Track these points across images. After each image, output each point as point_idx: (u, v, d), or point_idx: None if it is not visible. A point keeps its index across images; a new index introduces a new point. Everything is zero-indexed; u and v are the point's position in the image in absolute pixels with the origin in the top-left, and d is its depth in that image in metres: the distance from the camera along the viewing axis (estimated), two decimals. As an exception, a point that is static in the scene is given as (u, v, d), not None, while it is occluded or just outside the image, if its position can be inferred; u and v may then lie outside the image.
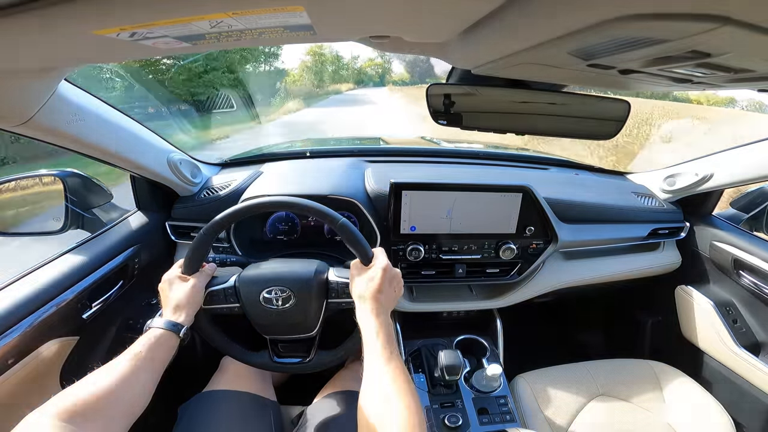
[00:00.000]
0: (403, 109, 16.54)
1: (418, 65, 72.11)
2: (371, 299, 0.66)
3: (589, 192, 1.22)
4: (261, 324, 0.78)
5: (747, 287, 1.09)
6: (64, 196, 0.91)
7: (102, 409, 0.50)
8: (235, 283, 0.76)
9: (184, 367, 1.17)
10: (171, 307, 0.68)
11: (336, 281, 0.77)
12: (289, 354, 0.82)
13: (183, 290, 0.70)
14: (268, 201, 0.75)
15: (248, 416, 0.83)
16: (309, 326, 0.78)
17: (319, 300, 0.77)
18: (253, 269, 0.78)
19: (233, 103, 9.03)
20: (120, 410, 0.52)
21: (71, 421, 0.46)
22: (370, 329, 0.63)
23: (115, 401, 0.51)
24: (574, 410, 0.99)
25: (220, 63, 12.33)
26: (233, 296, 0.76)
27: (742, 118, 10.02)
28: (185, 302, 0.69)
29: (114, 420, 0.51)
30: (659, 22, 0.25)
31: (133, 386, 0.55)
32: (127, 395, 0.54)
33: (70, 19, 0.32)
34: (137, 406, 0.56)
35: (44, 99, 0.60)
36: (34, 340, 0.72)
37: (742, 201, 1.26)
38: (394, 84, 22.27)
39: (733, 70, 0.34)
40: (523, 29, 0.34)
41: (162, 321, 0.65)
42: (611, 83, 0.51)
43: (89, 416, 0.48)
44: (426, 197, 1.00)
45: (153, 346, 0.61)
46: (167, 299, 0.69)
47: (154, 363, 0.61)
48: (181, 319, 0.67)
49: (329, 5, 0.33)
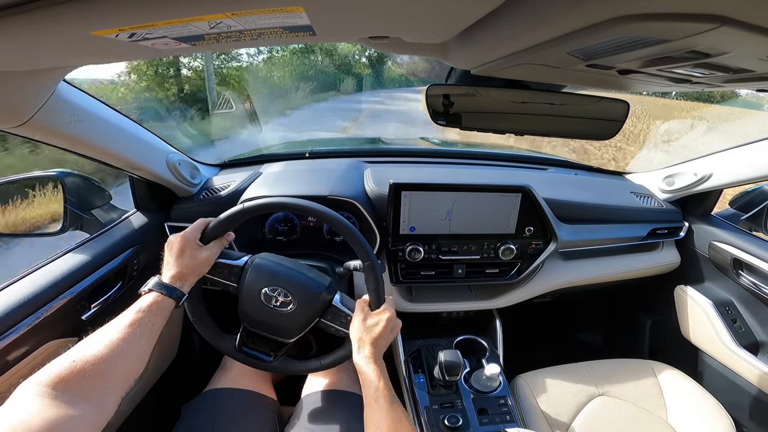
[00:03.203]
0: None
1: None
2: (371, 344, 0.68)
3: (589, 192, 1.22)
4: (247, 313, 0.77)
5: (746, 287, 1.09)
6: (63, 197, 0.91)
7: (98, 378, 0.49)
8: (246, 266, 0.76)
9: (186, 366, 1.18)
10: (177, 273, 0.66)
11: (338, 308, 0.78)
12: (257, 348, 0.80)
13: (196, 259, 0.68)
14: (313, 208, 0.73)
15: (252, 414, 0.84)
16: (290, 334, 0.78)
17: (314, 316, 0.77)
18: (267, 260, 0.78)
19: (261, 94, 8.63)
20: (117, 378, 0.51)
21: (65, 390, 0.45)
22: (370, 374, 0.64)
23: (112, 369, 0.50)
24: (574, 410, 0.99)
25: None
26: (236, 275, 0.76)
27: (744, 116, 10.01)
28: (193, 272, 0.68)
29: (109, 387, 0.50)
30: (658, 22, 0.25)
31: (130, 353, 0.54)
32: (125, 363, 0.53)
33: (68, 20, 0.32)
34: (133, 371, 0.55)
35: (43, 100, 0.60)
36: (34, 341, 0.71)
37: (741, 201, 1.26)
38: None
39: (732, 70, 0.34)
40: (522, 30, 0.34)
41: (167, 288, 0.63)
42: (610, 83, 0.52)
43: (84, 385, 0.47)
44: (425, 198, 1.00)
45: (155, 313, 0.60)
46: (176, 264, 0.66)
47: (153, 329, 0.59)
48: (185, 287, 0.66)
49: (329, 6, 0.33)
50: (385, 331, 0.70)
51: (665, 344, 1.35)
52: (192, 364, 1.22)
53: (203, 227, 0.72)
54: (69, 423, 0.43)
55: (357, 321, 0.72)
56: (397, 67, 17.98)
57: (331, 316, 0.78)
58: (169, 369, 1.10)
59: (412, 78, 19.04)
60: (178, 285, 0.65)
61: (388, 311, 0.73)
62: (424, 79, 15.83)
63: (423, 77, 16.79)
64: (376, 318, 0.71)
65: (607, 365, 1.11)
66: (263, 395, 0.89)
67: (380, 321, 0.71)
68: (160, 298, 0.61)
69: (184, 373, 1.16)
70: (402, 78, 19.21)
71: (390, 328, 0.71)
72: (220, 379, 0.90)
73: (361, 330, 0.70)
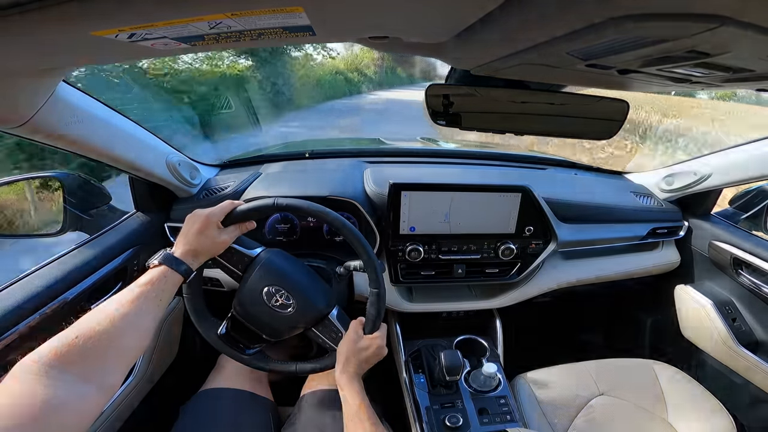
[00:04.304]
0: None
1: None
2: (356, 365, 0.70)
3: (588, 192, 1.22)
4: (242, 303, 0.77)
5: (746, 286, 1.09)
6: (63, 198, 0.90)
7: (99, 357, 0.47)
8: (257, 258, 0.76)
9: (186, 366, 1.17)
10: (191, 250, 0.65)
11: (331, 322, 0.79)
12: (237, 335, 0.80)
13: (213, 240, 0.67)
14: (333, 216, 0.73)
15: (248, 414, 0.84)
16: (278, 334, 0.79)
17: (307, 324, 0.78)
18: (279, 259, 0.78)
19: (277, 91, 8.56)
20: (119, 357, 0.50)
21: (63, 369, 0.43)
22: (353, 393, 0.67)
23: (114, 347, 0.49)
24: (575, 410, 0.99)
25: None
26: (244, 264, 0.76)
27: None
28: (207, 251, 0.67)
29: (110, 368, 0.48)
30: (658, 22, 0.25)
31: (135, 329, 0.52)
32: (129, 340, 0.51)
33: (68, 20, 0.32)
34: (137, 349, 0.53)
35: (42, 100, 0.60)
36: (34, 342, 0.71)
37: (740, 200, 1.26)
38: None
39: (732, 69, 0.34)
40: (521, 30, 0.34)
41: (177, 262, 0.62)
42: (610, 83, 0.52)
43: (84, 364, 0.45)
44: (425, 198, 1.00)
45: (163, 287, 0.58)
46: (194, 240, 0.65)
47: (161, 304, 0.57)
48: (195, 264, 0.65)
49: (329, 6, 0.33)
50: (372, 356, 0.73)
51: (665, 343, 1.35)
52: (192, 364, 1.22)
53: (229, 210, 0.71)
54: (66, 405, 0.41)
55: (348, 340, 0.73)
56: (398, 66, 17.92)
57: (322, 328, 0.79)
58: (169, 369, 1.10)
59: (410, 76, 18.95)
60: (190, 261, 0.64)
61: (380, 339, 0.75)
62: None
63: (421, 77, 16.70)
64: (367, 342, 0.73)
65: (607, 365, 1.11)
66: (258, 395, 0.89)
67: (371, 346, 0.73)
68: (169, 272, 0.60)
69: (184, 373, 1.16)
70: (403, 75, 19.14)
71: (376, 354, 0.73)
72: (214, 379, 0.90)
73: (351, 350, 0.72)
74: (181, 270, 0.62)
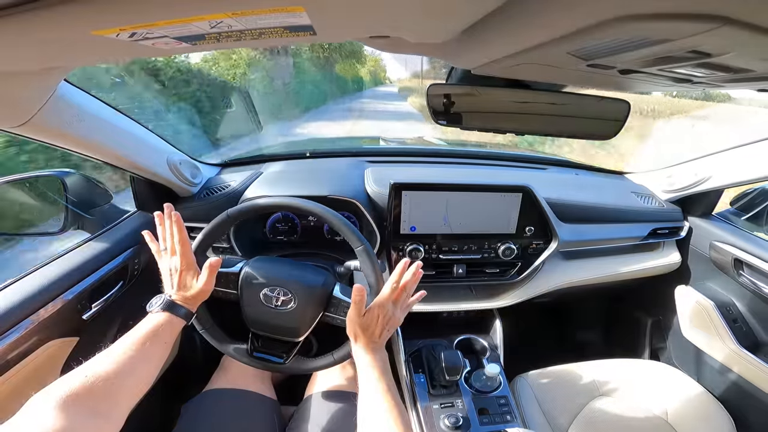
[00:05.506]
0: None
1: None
2: (367, 336, 0.67)
3: (589, 192, 1.22)
4: (251, 317, 0.77)
5: (747, 287, 1.09)
6: (64, 197, 0.91)
7: (108, 394, 0.50)
8: (240, 271, 0.76)
9: (186, 366, 1.17)
10: (182, 298, 0.67)
11: (339, 298, 0.78)
12: (268, 351, 0.81)
13: (197, 289, 0.69)
14: (297, 204, 0.75)
15: (251, 414, 0.84)
16: (297, 332, 0.78)
17: (317, 310, 0.77)
18: (262, 264, 0.78)
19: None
20: (126, 394, 0.53)
21: (75, 403, 0.46)
22: (365, 364, 0.64)
23: (122, 386, 0.52)
24: (575, 410, 0.99)
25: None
26: (234, 282, 0.76)
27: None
28: (197, 298, 0.69)
29: (119, 403, 0.52)
30: (659, 22, 0.25)
31: (141, 371, 0.56)
32: (135, 380, 0.55)
33: (69, 19, 0.32)
34: (143, 387, 0.56)
35: (43, 100, 0.60)
36: (35, 341, 0.72)
37: (741, 200, 1.26)
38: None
39: (733, 70, 0.34)
40: (523, 30, 0.34)
41: (178, 309, 0.65)
42: (611, 83, 0.51)
43: (94, 399, 0.48)
44: (426, 197, 1.00)
45: (167, 333, 0.62)
46: (180, 292, 0.68)
47: (165, 347, 0.61)
48: (194, 307, 0.69)
49: (330, 6, 0.33)
50: (384, 320, 0.67)
51: (666, 344, 1.35)
52: (193, 364, 1.22)
53: (190, 254, 0.71)
54: None
55: (351, 313, 0.68)
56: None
57: (334, 308, 0.78)
58: (170, 369, 1.10)
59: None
60: (189, 306, 0.67)
61: (386, 299, 0.69)
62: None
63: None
64: (375, 308, 0.68)
65: (607, 365, 1.11)
66: (263, 395, 0.89)
67: (373, 309, 0.68)
68: (172, 318, 0.63)
69: (184, 373, 1.16)
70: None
71: (387, 317, 0.68)
72: (218, 380, 0.90)
73: (356, 321, 0.68)
74: (181, 314, 0.65)
